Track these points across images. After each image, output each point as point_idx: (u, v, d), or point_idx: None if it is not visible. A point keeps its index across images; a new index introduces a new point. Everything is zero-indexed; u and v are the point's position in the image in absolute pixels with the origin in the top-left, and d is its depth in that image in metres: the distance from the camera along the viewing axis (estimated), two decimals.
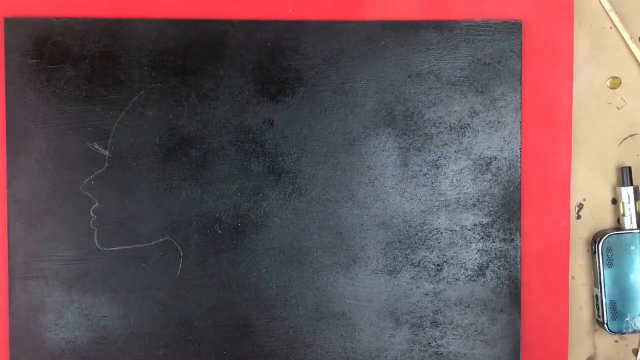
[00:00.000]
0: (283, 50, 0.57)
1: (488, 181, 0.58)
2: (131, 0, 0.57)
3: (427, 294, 0.58)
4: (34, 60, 0.56)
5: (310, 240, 0.58)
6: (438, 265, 0.58)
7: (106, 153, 0.57)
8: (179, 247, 0.57)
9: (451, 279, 0.58)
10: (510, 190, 0.58)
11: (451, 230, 0.58)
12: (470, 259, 0.58)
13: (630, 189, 0.58)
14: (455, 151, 0.58)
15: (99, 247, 0.57)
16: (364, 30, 0.57)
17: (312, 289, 0.58)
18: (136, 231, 0.57)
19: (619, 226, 0.59)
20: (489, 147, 0.58)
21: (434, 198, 0.58)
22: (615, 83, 0.59)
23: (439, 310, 0.58)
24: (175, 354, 0.57)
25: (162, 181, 0.57)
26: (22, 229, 0.56)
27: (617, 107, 0.60)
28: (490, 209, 0.58)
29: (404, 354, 0.58)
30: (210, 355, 0.58)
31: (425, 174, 0.58)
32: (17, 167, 0.56)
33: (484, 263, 0.58)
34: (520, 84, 0.58)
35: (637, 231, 0.58)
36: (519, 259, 0.58)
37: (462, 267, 0.58)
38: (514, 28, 0.58)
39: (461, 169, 0.58)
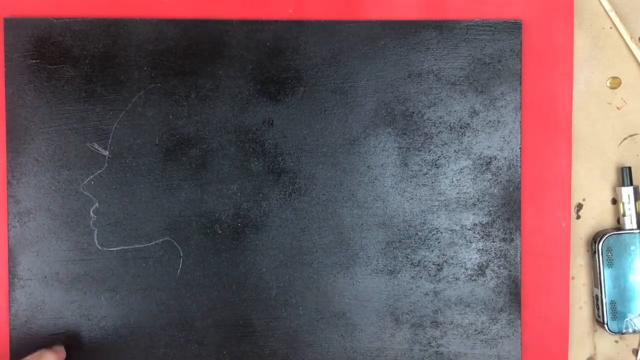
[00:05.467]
0: (283, 50, 0.57)
1: (488, 181, 0.58)
2: (131, 1, 0.57)
3: (427, 294, 0.58)
4: (34, 61, 0.56)
5: (310, 240, 0.58)
6: (438, 265, 0.58)
7: (106, 153, 0.57)
8: (179, 247, 0.57)
9: (451, 278, 0.58)
10: (510, 189, 0.58)
11: (451, 230, 0.58)
12: (470, 259, 0.58)
13: (630, 189, 0.58)
14: (455, 151, 0.58)
15: (99, 247, 0.57)
16: (363, 30, 0.57)
17: (312, 288, 0.58)
18: (136, 231, 0.57)
19: (619, 226, 0.59)
20: (489, 147, 0.58)
21: (433, 198, 0.58)
22: (615, 83, 0.59)
23: (439, 309, 0.58)
24: (175, 354, 0.57)
25: (162, 181, 0.57)
26: (22, 229, 0.56)
27: (617, 107, 0.60)
28: (490, 208, 0.58)
29: (404, 353, 0.58)
30: (210, 355, 0.58)
31: (425, 174, 0.58)
32: (16, 167, 0.56)
33: (484, 263, 0.58)
34: (520, 83, 0.58)
35: (637, 231, 0.57)
36: (519, 259, 0.58)
37: (462, 266, 0.58)
38: (513, 28, 0.58)
39: (461, 169, 0.58)
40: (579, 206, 0.60)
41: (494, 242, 0.58)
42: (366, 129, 0.58)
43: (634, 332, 0.58)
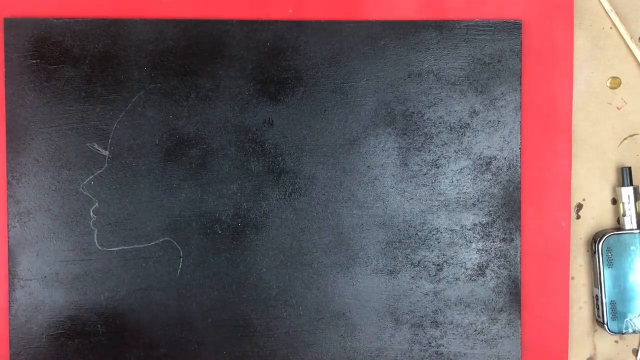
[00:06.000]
0: (283, 50, 0.57)
1: (488, 181, 0.58)
2: (131, 1, 0.57)
3: (427, 294, 0.58)
4: (34, 61, 0.56)
5: (310, 240, 0.58)
6: (438, 265, 0.58)
7: (106, 153, 0.57)
8: (179, 247, 0.57)
9: (451, 278, 0.58)
10: (510, 190, 0.58)
11: (451, 230, 0.58)
12: (470, 259, 0.58)
13: (630, 189, 0.58)
14: (455, 151, 0.58)
15: (99, 247, 0.57)
16: (363, 30, 0.57)
17: (312, 289, 0.58)
18: (136, 231, 0.57)
19: (619, 226, 0.59)
20: (489, 147, 0.58)
21: (433, 198, 0.58)
22: (615, 83, 0.59)
23: (439, 310, 0.58)
24: (175, 354, 0.57)
25: (162, 181, 0.57)
26: (22, 229, 0.56)
27: (617, 107, 0.60)
28: (490, 208, 0.58)
29: (404, 353, 0.58)
30: (210, 355, 0.58)
31: (425, 174, 0.58)
32: (16, 167, 0.56)
33: (484, 263, 0.58)
34: (520, 83, 0.58)
35: (637, 231, 0.57)
36: (519, 259, 0.58)
37: (462, 266, 0.58)
38: (513, 28, 0.58)
39: (461, 169, 0.58)
40: (579, 206, 0.60)
41: (494, 242, 0.58)
42: (366, 129, 0.58)
43: (634, 332, 0.58)
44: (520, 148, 0.58)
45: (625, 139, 0.60)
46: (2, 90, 0.57)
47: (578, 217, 0.60)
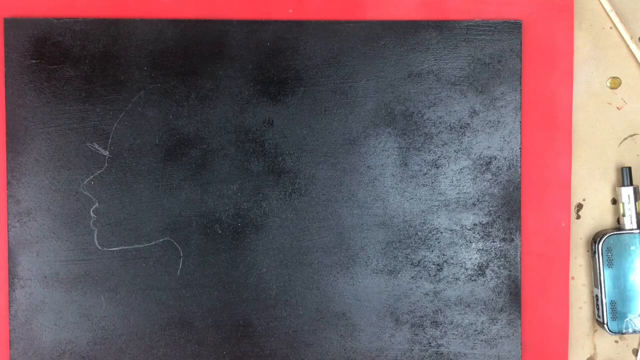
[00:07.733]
0: (283, 50, 0.57)
1: (488, 181, 0.58)
2: (131, 1, 0.57)
3: (427, 294, 0.58)
4: (34, 61, 0.56)
5: (310, 240, 0.58)
6: (438, 265, 0.58)
7: (106, 153, 0.57)
8: (179, 247, 0.57)
9: (451, 278, 0.58)
10: (510, 190, 0.58)
11: (451, 230, 0.58)
12: (470, 259, 0.58)
13: (630, 189, 0.58)
14: (455, 151, 0.58)
15: (99, 247, 0.57)
16: (363, 30, 0.57)
17: (312, 289, 0.58)
18: (136, 231, 0.57)
19: (619, 226, 0.59)
20: (489, 147, 0.58)
21: (433, 198, 0.58)
22: (615, 83, 0.59)
23: (439, 310, 0.58)
24: (175, 354, 0.57)
25: (162, 181, 0.57)
26: (22, 229, 0.56)
27: (617, 107, 0.60)
28: (490, 208, 0.58)
29: (404, 353, 0.58)
30: (210, 355, 0.58)
31: (425, 174, 0.58)
32: (16, 167, 0.56)
33: (484, 263, 0.58)
34: (520, 83, 0.58)
35: (637, 231, 0.57)
36: (519, 259, 0.58)
37: (462, 266, 0.58)
38: (513, 28, 0.58)
39: (461, 169, 0.58)
40: (579, 206, 0.60)
41: (494, 242, 0.58)
42: (366, 129, 0.58)
43: (634, 332, 0.58)
44: (520, 148, 0.58)
45: (625, 139, 0.60)
46: (2, 90, 0.57)
47: (578, 217, 0.60)
